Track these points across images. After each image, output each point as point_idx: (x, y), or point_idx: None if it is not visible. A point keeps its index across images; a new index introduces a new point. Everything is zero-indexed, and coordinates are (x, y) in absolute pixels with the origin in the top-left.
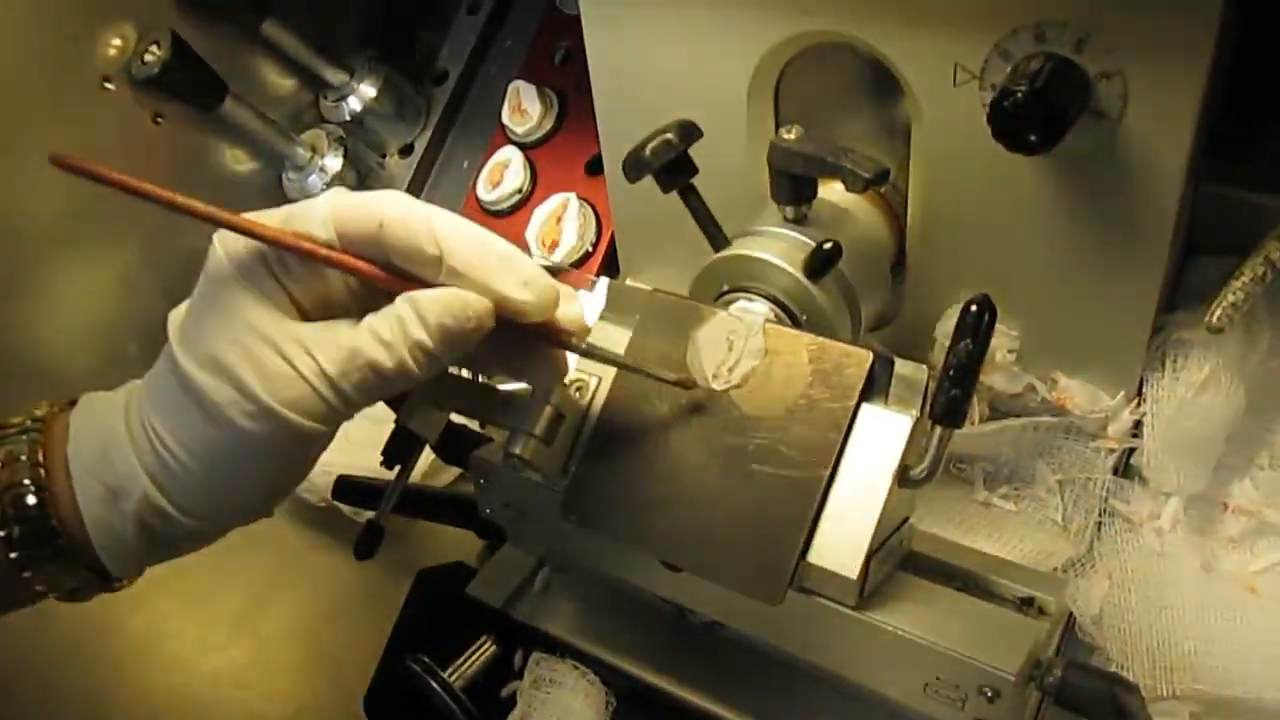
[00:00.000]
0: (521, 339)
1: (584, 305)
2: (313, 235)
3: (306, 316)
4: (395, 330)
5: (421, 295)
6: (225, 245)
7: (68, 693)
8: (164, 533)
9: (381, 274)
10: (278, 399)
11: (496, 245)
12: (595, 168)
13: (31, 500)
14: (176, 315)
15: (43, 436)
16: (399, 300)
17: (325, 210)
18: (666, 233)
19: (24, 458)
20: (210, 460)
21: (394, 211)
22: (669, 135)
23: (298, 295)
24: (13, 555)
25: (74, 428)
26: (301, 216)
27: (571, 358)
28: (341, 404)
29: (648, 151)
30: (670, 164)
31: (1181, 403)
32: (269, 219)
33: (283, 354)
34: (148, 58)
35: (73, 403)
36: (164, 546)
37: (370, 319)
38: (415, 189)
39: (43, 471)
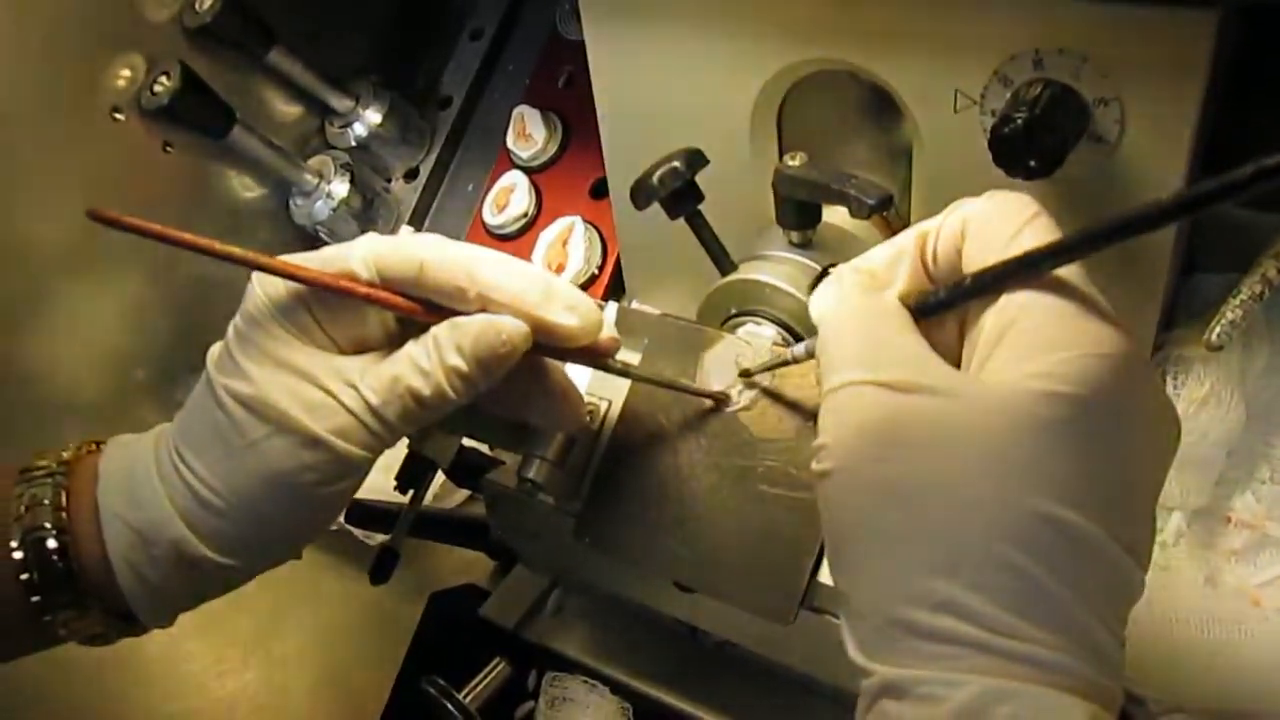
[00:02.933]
0: (543, 383)
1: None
2: (354, 275)
3: (344, 355)
4: (433, 356)
5: (457, 321)
6: (264, 287)
7: (81, 718)
8: (194, 575)
9: (421, 310)
10: (324, 428)
11: (537, 276)
12: (600, 191)
13: (52, 544)
14: (214, 353)
15: (68, 480)
16: (435, 328)
17: (365, 253)
18: (672, 256)
19: (47, 501)
20: (247, 495)
21: (434, 253)
22: (676, 164)
23: (336, 335)
24: (34, 599)
25: (103, 470)
26: (341, 258)
27: (580, 385)
28: (385, 431)
29: (655, 180)
30: (677, 192)
31: (1183, 418)
32: (308, 262)
33: (324, 386)
34: (157, 88)
35: (100, 443)
36: (194, 590)
37: (409, 346)
38: (421, 213)
39: (65, 515)
